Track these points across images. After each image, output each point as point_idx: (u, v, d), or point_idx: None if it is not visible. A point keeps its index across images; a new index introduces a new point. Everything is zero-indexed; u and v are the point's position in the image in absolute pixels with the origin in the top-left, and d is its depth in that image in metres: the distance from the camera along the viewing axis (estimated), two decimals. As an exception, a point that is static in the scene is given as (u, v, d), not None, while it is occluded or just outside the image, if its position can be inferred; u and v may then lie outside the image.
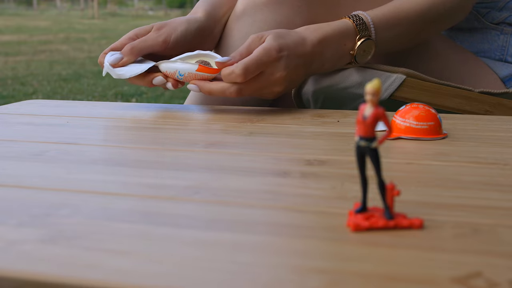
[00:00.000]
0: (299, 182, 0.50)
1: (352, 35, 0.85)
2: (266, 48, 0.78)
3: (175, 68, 0.81)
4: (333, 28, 0.84)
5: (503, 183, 0.49)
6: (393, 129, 0.67)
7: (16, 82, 4.87)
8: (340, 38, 0.85)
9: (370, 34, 0.86)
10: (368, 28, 0.85)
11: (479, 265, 0.33)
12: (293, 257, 0.35)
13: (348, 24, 0.85)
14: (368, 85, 0.36)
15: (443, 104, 0.92)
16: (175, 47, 0.89)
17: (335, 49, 0.85)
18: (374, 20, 0.86)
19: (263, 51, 0.78)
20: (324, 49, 0.83)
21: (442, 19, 0.92)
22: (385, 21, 0.87)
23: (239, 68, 0.77)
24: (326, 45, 0.83)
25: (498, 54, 1.05)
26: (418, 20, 0.89)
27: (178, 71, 0.81)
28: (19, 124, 0.76)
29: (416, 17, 0.89)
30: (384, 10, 0.88)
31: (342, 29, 0.85)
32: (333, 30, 0.84)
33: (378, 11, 0.87)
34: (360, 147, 0.38)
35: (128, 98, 4.15)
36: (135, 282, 0.31)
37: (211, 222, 0.40)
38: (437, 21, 0.92)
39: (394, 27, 0.88)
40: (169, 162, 0.57)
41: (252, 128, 0.73)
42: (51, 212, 0.42)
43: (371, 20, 0.86)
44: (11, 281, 0.32)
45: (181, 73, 0.80)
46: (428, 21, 0.90)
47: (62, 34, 10.92)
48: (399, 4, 0.88)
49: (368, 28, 0.85)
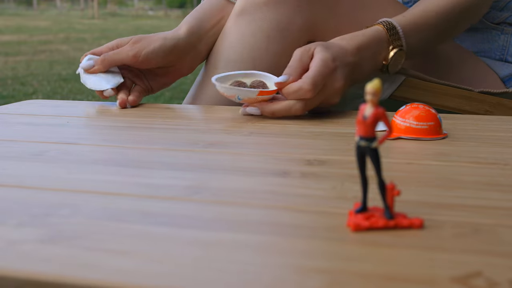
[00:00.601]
0: (299, 182, 0.50)
1: (385, 44, 0.84)
2: (323, 59, 0.76)
3: (234, 93, 0.78)
4: (368, 37, 0.83)
5: (503, 183, 0.49)
6: (393, 129, 0.67)
7: (16, 82, 4.87)
8: (375, 47, 0.83)
9: (402, 44, 0.85)
10: (399, 37, 0.84)
11: (479, 265, 0.33)
12: (293, 257, 0.35)
13: (382, 32, 0.84)
14: (368, 85, 0.36)
15: (443, 104, 0.92)
16: (145, 61, 0.90)
17: (371, 58, 0.84)
18: (404, 27, 0.85)
19: (322, 62, 0.76)
20: (362, 58, 0.82)
21: (462, 21, 0.92)
22: (414, 27, 0.86)
23: (307, 83, 0.74)
24: (363, 54, 0.82)
25: (498, 54, 1.05)
26: (441, 24, 0.88)
27: (237, 95, 0.78)
28: (19, 124, 0.76)
29: (440, 20, 0.88)
30: (412, 15, 0.86)
31: (376, 38, 0.83)
32: (368, 39, 0.83)
33: (407, 17, 0.86)
34: (360, 147, 0.38)
35: (128, 98, 4.13)
36: (135, 282, 0.31)
37: (211, 222, 0.40)
38: (458, 24, 0.92)
39: (421, 33, 0.87)
40: (169, 162, 0.57)
41: (252, 128, 0.73)
42: (51, 212, 0.42)
43: (400, 28, 0.84)
44: (11, 281, 0.32)
45: (240, 97, 0.79)
46: (450, 24, 0.90)
47: (62, 34, 10.92)
48: (424, 8, 0.87)
49: (399, 38, 0.84)
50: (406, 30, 0.85)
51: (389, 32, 0.84)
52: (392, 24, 0.84)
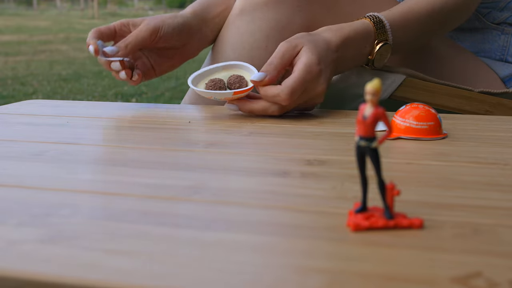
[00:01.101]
0: (299, 182, 0.50)
1: (371, 38, 0.84)
2: (307, 64, 0.75)
3: (211, 95, 0.79)
4: (355, 30, 0.83)
5: (503, 183, 0.49)
6: (393, 129, 0.67)
7: (16, 82, 4.87)
8: (360, 40, 0.83)
9: (387, 38, 0.85)
10: (386, 31, 0.84)
11: (479, 265, 0.33)
12: (293, 257, 0.35)
13: (369, 26, 0.84)
14: (368, 85, 0.36)
15: (443, 104, 0.92)
16: (162, 40, 0.90)
17: (355, 51, 0.84)
18: (391, 22, 0.85)
19: (305, 68, 0.75)
20: (346, 51, 0.82)
21: (450, 19, 0.92)
22: (401, 22, 0.86)
23: (284, 93, 0.74)
24: (348, 47, 0.82)
25: (498, 54, 1.05)
26: (429, 21, 0.88)
27: (213, 97, 0.80)
28: (19, 124, 0.76)
29: (428, 17, 0.88)
30: (400, 11, 0.86)
31: (363, 31, 0.83)
32: (354, 31, 0.82)
33: (394, 12, 0.86)
34: (360, 147, 0.38)
35: (128, 98, 4.15)
36: (135, 282, 0.31)
37: (211, 222, 0.40)
38: (446, 21, 0.92)
39: (408, 29, 0.87)
40: (169, 162, 0.57)
41: (252, 128, 0.73)
42: (51, 212, 0.42)
43: (388, 22, 0.84)
44: (11, 281, 0.32)
45: (217, 98, 0.80)
46: (438, 21, 0.90)
47: (62, 34, 10.92)
48: (412, 4, 0.87)
49: (386, 32, 0.84)
50: (393, 25, 0.85)
51: (375, 25, 0.84)
52: (379, 18, 0.84)
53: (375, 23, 0.84)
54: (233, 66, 0.85)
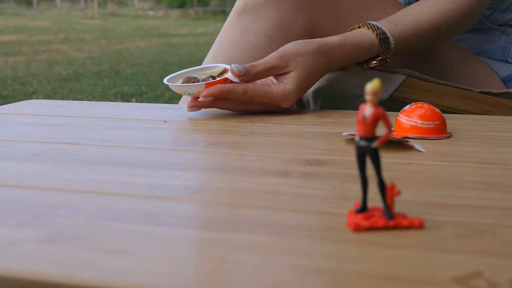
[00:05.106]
0: (299, 182, 0.50)
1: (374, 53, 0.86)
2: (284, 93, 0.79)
3: (184, 90, 0.80)
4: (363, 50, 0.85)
5: (503, 183, 0.49)
6: (398, 128, 0.67)
7: (16, 82, 4.87)
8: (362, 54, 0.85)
9: (389, 56, 0.87)
10: (390, 49, 0.86)
11: (479, 265, 0.33)
12: (293, 257, 0.35)
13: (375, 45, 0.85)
14: (368, 85, 0.36)
15: (443, 104, 0.92)
16: None
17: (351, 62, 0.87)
18: (396, 39, 0.86)
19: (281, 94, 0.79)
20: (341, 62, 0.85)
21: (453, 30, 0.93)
22: (405, 37, 0.87)
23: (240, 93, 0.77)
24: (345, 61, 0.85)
25: (499, 54, 1.05)
26: (432, 34, 0.90)
27: (187, 91, 0.80)
28: (19, 124, 0.76)
29: (431, 31, 0.89)
30: (405, 25, 0.87)
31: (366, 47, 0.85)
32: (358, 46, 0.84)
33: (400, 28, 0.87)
34: (360, 147, 0.38)
35: (128, 98, 4.15)
36: (135, 282, 0.31)
37: (211, 222, 0.40)
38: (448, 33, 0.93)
39: (410, 43, 0.89)
40: (169, 162, 0.57)
41: (252, 128, 0.73)
42: (51, 212, 0.42)
43: (393, 40, 0.86)
44: (11, 281, 0.32)
45: (190, 92, 0.80)
46: (441, 34, 0.91)
47: (62, 34, 10.92)
48: (416, 18, 0.88)
49: (390, 49, 0.86)
50: (397, 40, 0.86)
51: (381, 43, 0.85)
52: (385, 34, 0.85)
53: (381, 40, 0.85)
54: (211, 67, 0.85)
